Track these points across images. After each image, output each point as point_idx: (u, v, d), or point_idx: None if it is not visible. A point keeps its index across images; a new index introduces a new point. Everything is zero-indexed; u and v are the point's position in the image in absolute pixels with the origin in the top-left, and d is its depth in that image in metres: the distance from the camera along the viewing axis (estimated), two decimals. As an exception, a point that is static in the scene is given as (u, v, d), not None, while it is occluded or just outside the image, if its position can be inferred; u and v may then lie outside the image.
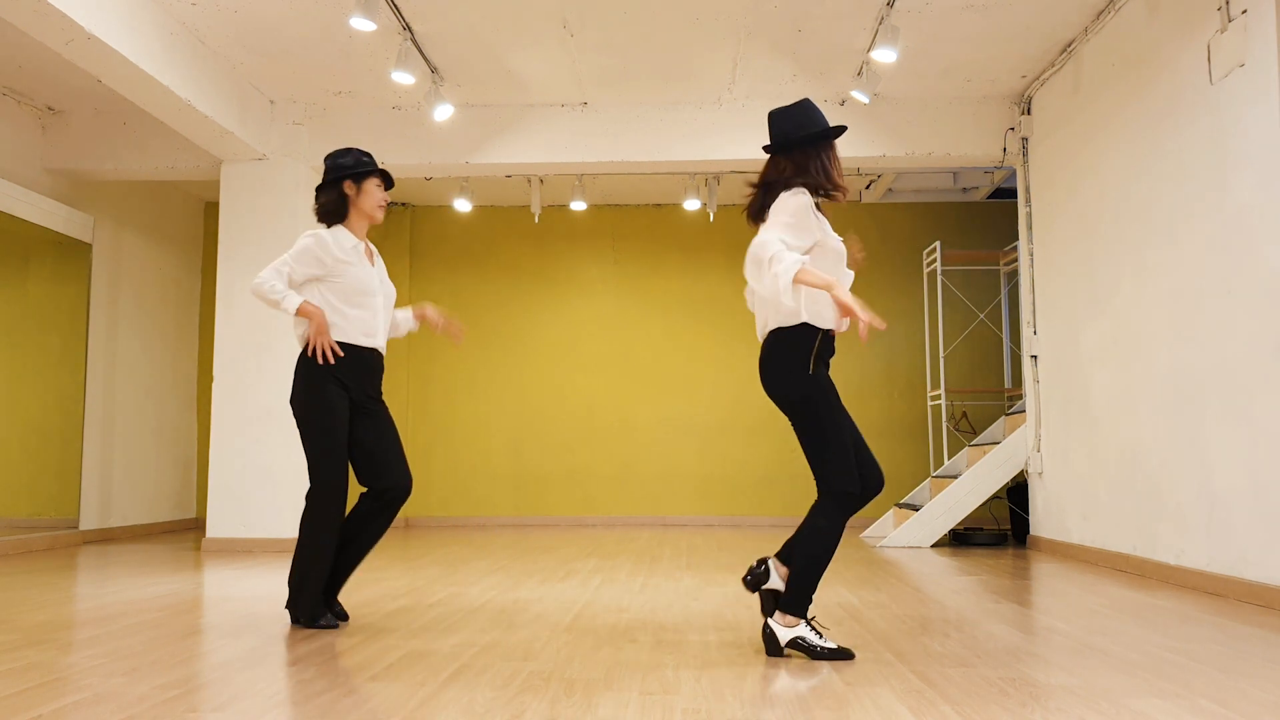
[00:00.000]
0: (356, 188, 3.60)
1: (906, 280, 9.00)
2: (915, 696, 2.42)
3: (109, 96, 6.57)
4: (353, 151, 3.64)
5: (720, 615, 3.70)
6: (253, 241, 6.59)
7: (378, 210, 3.63)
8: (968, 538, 6.86)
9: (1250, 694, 2.46)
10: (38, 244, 6.66)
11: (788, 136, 3.10)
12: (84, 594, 4.32)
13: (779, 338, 3.04)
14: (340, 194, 3.59)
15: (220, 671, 2.71)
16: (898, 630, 3.36)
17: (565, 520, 8.96)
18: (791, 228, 2.97)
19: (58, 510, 6.78)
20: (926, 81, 6.34)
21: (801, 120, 3.11)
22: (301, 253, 3.48)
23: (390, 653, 2.97)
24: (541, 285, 9.23)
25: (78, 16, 4.52)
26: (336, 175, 3.59)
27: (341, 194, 3.59)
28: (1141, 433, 4.92)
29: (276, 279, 3.46)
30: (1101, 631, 3.33)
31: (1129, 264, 5.06)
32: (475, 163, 6.75)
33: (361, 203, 3.60)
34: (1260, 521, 3.96)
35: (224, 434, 6.47)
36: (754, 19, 5.48)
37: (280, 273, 3.47)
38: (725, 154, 6.63)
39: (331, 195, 3.60)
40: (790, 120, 3.11)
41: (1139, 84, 4.95)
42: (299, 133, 6.71)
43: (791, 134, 3.10)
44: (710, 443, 8.85)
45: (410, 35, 5.59)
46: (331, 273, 3.50)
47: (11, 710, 2.27)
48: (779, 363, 3.03)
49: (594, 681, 2.58)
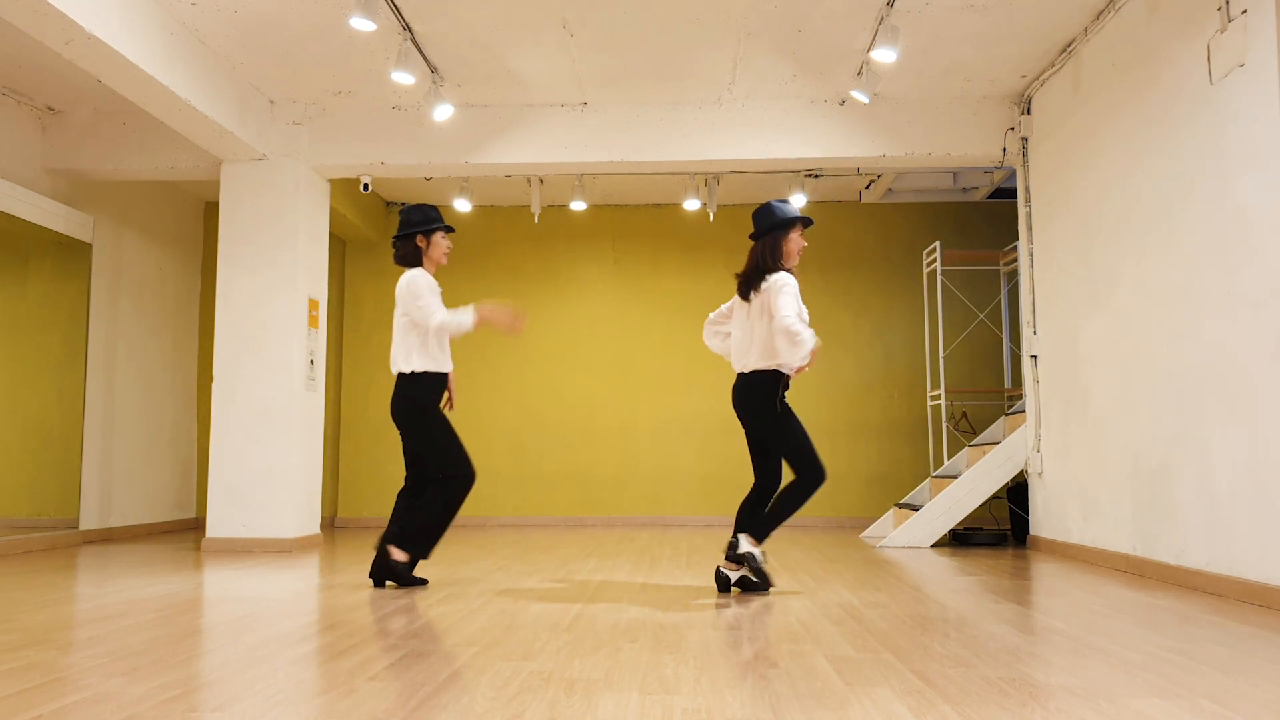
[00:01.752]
0: (427, 240, 4.51)
1: (906, 280, 9.00)
2: (915, 696, 2.42)
3: (109, 96, 6.57)
4: (422, 208, 4.55)
5: (720, 615, 3.70)
6: (252, 241, 6.59)
7: (444, 257, 4.57)
8: (968, 538, 6.86)
9: (1250, 694, 2.46)
10: (37, 244, 6.66)
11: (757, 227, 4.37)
12: (84, 594, 4.32)
13: (762, 376, 4.25)
14: (414, 245, 4.52)
15: (220, 671, 2.71)
16: (897, 630, 3.36)
17: (565, 520, 8.96)
18: (797, 301, 4.20)
19: (57, 510, 6.78)
20: (926, 81, 6.34)
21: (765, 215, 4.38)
22: (430, 288, 4.42)
23: (390, 653, 2.97)
24: (541, 285, 9.23)
25: (78, 16, 4.52)
26: (410, 230, 4.52)
27: (415, 245, 4.52)
28: (1141, 433, 4.92)
29: (441, 310, 4.38)
30: (1101, 631, 3.33)
31: (1129, 264, 5.06)
32: (475, 163, 6.75)
33: (431, 252, 4.53)
34: (1260, 521, 3.96)
35: (224, 434, 6.47)
36: (754, 19, 5.48)
37: (439, 304, 4.39)
38: (725, 154, 6.63)
39: (408, 246, 4.52)
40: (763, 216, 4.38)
41: (1139, 84, 4.95)
42: (299, 132, 6.71)
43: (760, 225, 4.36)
44: (710, 443, 8.85)
45: (410, 35, 5.59)
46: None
47: (11, 710, 2.27)
48: (761, 394, 4.24)
49: (594, 681, 2.58)
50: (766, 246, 4.31)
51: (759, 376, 4.24)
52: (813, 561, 5.66)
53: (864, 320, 9.00)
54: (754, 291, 4.28)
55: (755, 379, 4.25)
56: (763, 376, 4.23)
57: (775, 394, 4.21)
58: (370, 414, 9.12)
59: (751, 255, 4.36)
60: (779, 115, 6.65)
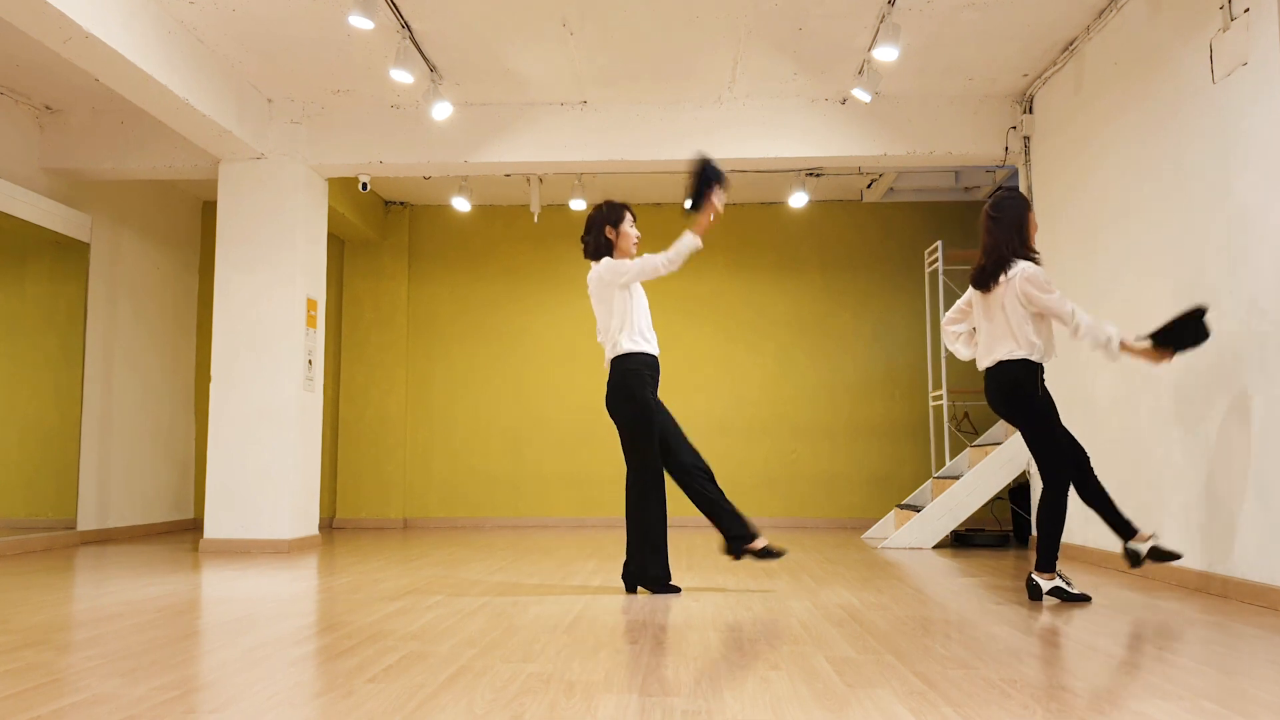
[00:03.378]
0: (615, 230, 4.53)
1: (908, 280, 8.98)
2: (916, 698, 2.40)
3: (107, 95, 6.55)
4: (609, 203, 4.60)
5: (720, 615, 3.69)
6: (251, 241, 6.58)
7: (633, 246, 4.57)
8: (969, 539, 6.85)
9: (1251, 694, 2.44)
10: (35, 243, 6.65)
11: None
12: (82, 595, 4.31)
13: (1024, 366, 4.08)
14: (605, 237, 4.54)
15: (218, 673, 2.70)
16: (899, 631, 3.35)
17: (565, 521, 8.95)
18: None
19: (55, 511, 6.76)
20: (928, 80, 6.33)
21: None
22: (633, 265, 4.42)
23: (389, 654, 2.95)
24: (541, 285, 9.22)
25: (76, 15, 4.50)
26: (599, 223, 4.56)
27: (605, 237, 4.53)
28: (1142, 433, 4.91)
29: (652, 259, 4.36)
30: (1102, 632, 3.32)
31: (1131, 263, 5.04)
32: (474, 162, 6.74)
33: (620, 242, 4.54)
34: (1260, 521, 3.95)
35: (222, 434, 6.45)
36: (754, 18, 5.47)
37: (648, 263, 4.37)
38: (725, 153, 6.61)
39: (600, 238, 4.55)
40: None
41: (1141, 83, 4.94)
42: (297, 131, 6.70)
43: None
44: (710, 443, 8.83)
45: (409, 34, 5.58)
46: (634, 291, 4.45)
47: (9, 711, 2.26)
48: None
49: (594, 683, 2.57)
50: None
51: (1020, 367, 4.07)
52: (814, 562, 5.64)
53: (865, 320, 8.99)
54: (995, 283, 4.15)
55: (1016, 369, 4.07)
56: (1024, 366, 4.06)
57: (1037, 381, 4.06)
58: (369, 414, 9.10)
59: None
60: (779, 114, 6.64)
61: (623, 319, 4.40)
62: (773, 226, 9.14)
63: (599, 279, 4.45)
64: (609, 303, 4.43)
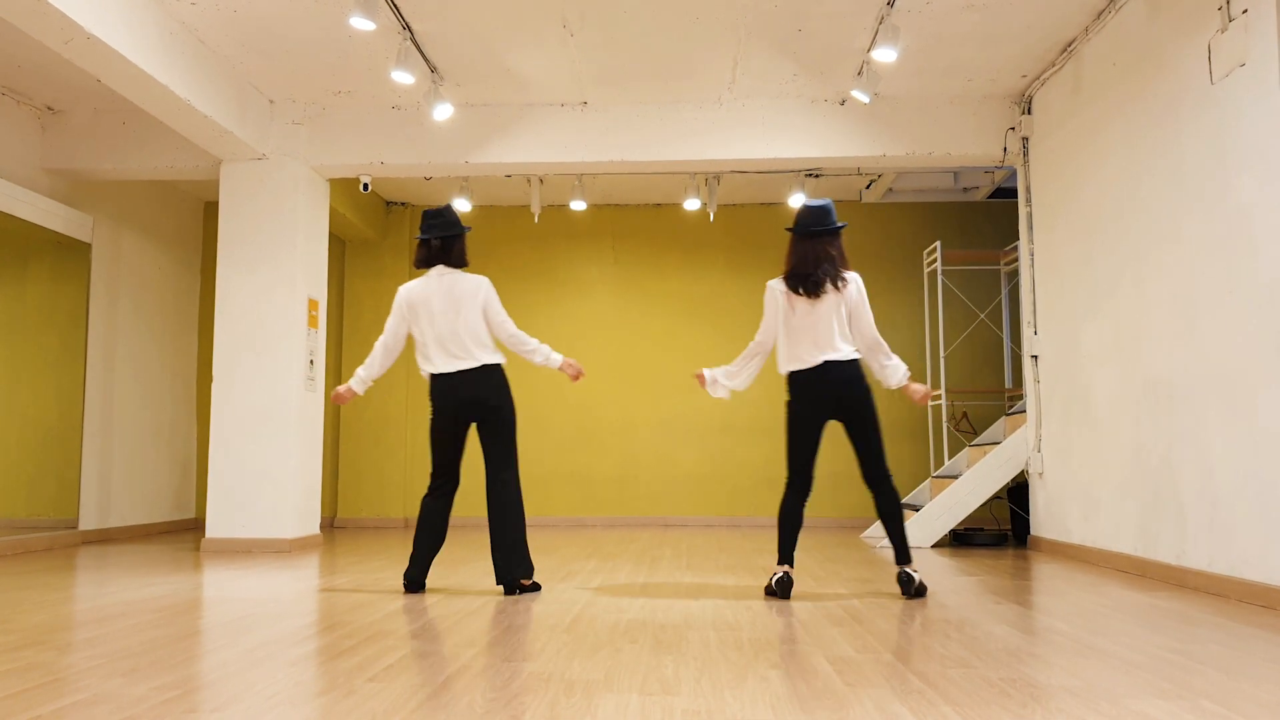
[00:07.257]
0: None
1: (907, 280, 8.99)
2: (916, 697, 2.41)
3: (108, 96, 6.56)
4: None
5: (720, 615, 3.70)
6: (252, 241, 6.58)
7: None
8: (968, 538, 6.86)
9: (1251, 694, 2.45)
10: (37, 244, 6.65)
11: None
12: (83, 594, 4.32)
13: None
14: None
15: (219, 672, 2.70)
16: (898, 630, 3.35)
17: (565, 521, 8.96)
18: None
19: (56, 510, 6.77)
20: (927, 81, 6.33)
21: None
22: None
23: (389, 653, 2.96)
24: (541, 285, 9.22)
25: (77, 16, 4.51)
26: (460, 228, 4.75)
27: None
28: (1142, 433, 4.92)
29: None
30: (1103, 632, 3.33)
31: (1130, 264, 5.05)
32: (475, 162, 6.75)
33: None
34: (1260, 521, 3.95)
35: (223, 434, 6.46)
36: (754, 19, 5.48)
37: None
38: (725, 153, 6.62)
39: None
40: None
41: (1140, 83, 4.95)
42: (298, 132, 6.70)
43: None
44: (710, 443, 8.84)
45: (410, 35, 5.59)
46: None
47: (10, 711, 2.27)
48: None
49: (594, 682, 2.58)
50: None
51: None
52: (813, 562, 5.65)
53: (864, 320, 8.98)
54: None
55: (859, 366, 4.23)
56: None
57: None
58: (370, 414, 9.11)
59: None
60: (779, 115, 6.65)
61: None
62: (772, 227, 9.14)
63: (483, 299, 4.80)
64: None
